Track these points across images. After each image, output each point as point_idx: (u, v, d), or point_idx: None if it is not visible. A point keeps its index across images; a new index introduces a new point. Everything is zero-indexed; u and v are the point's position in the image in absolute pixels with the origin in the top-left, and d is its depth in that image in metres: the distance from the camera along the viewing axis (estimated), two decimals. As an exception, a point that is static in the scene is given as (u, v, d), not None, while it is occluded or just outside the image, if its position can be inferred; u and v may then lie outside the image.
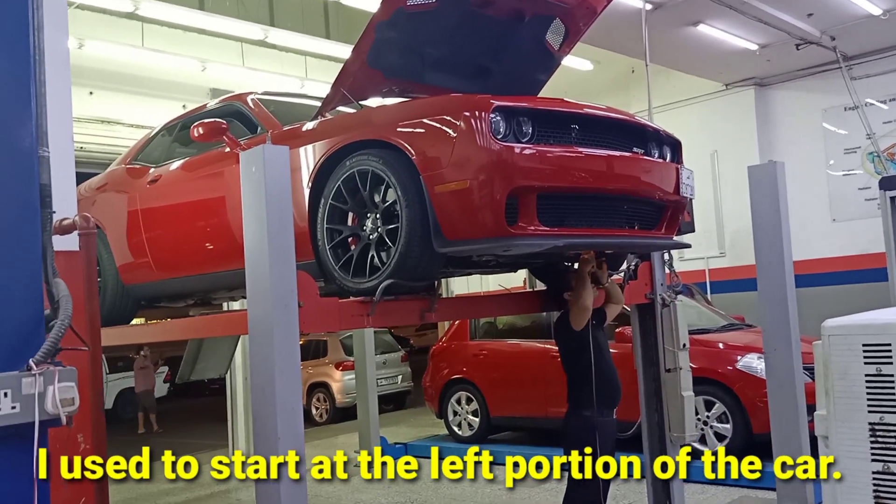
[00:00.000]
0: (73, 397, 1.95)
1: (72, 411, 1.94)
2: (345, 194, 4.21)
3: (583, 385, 4.89)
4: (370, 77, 4.73)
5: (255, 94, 5.46)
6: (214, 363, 7.55)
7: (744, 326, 9.02)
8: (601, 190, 4.25)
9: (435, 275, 4.35)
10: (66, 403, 1.93)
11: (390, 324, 4.73)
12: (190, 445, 12.50)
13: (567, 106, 4.28)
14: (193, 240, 5.26)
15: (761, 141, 11.88)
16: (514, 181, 3.82)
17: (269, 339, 3.56)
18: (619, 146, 4.33)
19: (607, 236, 4.42)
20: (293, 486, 3.39)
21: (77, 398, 1.96)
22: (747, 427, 7.42)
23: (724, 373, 7.63)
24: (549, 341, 8.98)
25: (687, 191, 4.96)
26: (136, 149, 6.18)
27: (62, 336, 1.98)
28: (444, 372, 10.08)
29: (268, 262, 3.61)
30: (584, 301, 4.82)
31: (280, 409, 3.47)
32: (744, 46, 10.33)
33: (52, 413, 1.94)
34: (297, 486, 3.41)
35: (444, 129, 3.91)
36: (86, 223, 2.85)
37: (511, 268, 5.53)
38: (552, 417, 8.67)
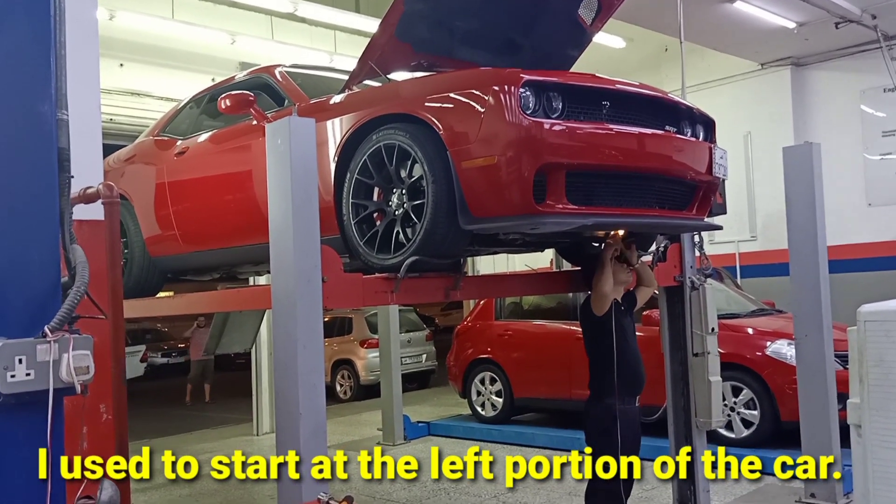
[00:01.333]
0: (87, 365, 1.92)
1: (87, 380, 1.91)
2: (371, 169, 4.16)
3: (604, 372, 4.82)
4: (398, 50, 4.66)
5: (283, 66, 5.41)
6: (240, 337, 7.56)
7: (774, 312, 8.87)
8: (632, 168, 4.16)
9: (460, 252, 4.29)
10: (80, 372, 1.90)
11: (414, 301, 4.68)
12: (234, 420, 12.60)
13: (598, 81, 4.19)
14: (219, 213, 5.25)
15: (797, 122, 11.63)
16: (543, 158, 3.75)
17: (293, 314, 3.53)
18: (652, 124, 4.24)
19: (637, 216, 4.33)
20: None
21: (92, 367, 1.93)
22: (775, 414, 7.31)
23: (752, 358, 7.51)
24: (575, 323, 8.89)
25: (720, 171, 4.86)
26: (165, 121, 6.17)
27: (77, 303, 1.95)
28: (468, 352, 10.03)
29: (292, 236, 3.58)
30: (602, 286, 4.73)
31: (302, 383, 3.45)
32: (781, 24, 10.07)
33: (66, 381, 1.91)
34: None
35: (472, 104, 3.84)
36: (109, 192, 2.82)
37: (538, 247, 5.46)
38: (576, 399, 8.60)
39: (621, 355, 4.75)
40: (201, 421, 13.26)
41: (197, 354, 15.59)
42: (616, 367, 4.74)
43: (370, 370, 14.53)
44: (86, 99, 4.01)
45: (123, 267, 5.76)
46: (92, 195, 2.86)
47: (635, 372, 4.89)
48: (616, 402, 4.76)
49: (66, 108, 1.99)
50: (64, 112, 1.98)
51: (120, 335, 2.73)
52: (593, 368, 4.97)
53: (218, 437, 11.20)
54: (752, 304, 8.93)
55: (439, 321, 26.56)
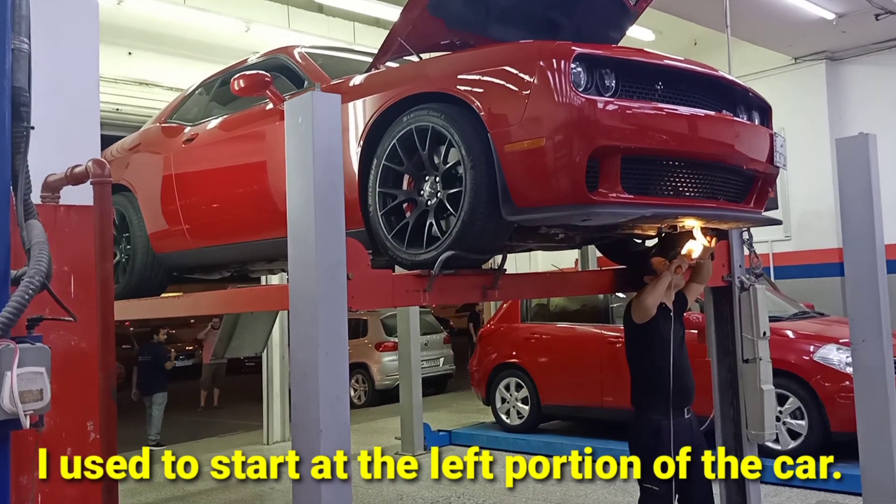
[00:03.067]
0: (40, 389, 1.35)
1: (39, 409, 1.36)
2: (401, 154, 3.74)
3: (646, 384, 4.40)
4: (430, 26, 4.25)
5: (303, 46, 5.00)
6: (250, 340, 7.13)
7: (815, 315, 8.40)
8: (693, 154, 3.74)
9: (500, 247, 3.84)
10: (29, 398, 1.33)
11: (449, 301, 4.26)
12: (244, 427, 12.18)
13: (652, 57, 3.76)
14: (230, 204, 4.84)
15: (832, 118, 11.16)
16: (597, 140, 3.32)
17: (314, 316, 3.09)
18: (706, 106, 3.81)
19: (695, 207, 3.88)
20: (338, 485, 2.93)
21: (48, 390, 1.38)
22: (824, 424, 6.83)
23: (799, 364, 7.02)
24: (607, 326, 8.48)
25: (780, 160, 4.43)
26: (172, 107, 5.77)
27: (28, 299, 1.43)
28: (492, 356, 9.55)
29: (314, 226, 3.13)
30: (646, 300, 4.32)
31: (324, 396, 3.01)
32: (820, 15, 9.62)
33: (8, 411, 1.36)
34: (342, 486, 2.96)
35: (517, 80, 3.42)
36: (100, 170, 2.38)
37: (579, 243, 5.01)
38: (608, 408, 8.17)
39: (666, 366, 4.31)
40: (210, 428, 12.82)
41: (210, 357, 15.15)
42: (660, 379, 4.30)
43: (386, 374, 14.13)
44: (83, 73, 3.61)
45: (126, 264, 5.37)
46: (80, 175, 2.42)
47: (682, 384, 4.43)
48: (661, 418, 4.32)
49: (27, 36, 1.51)
50: (24, 40, 1.50)
51: (109, 341, 2.27)
52: (634, 380, 4.53)
53: (226, 446, 10.75)
54: (793, 306, 8.44)
55: (454, 323, 26.11)
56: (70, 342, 2.81)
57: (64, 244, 2.76)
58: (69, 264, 2.80)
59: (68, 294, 2.80)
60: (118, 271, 5.49)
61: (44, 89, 3.55)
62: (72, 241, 2.60)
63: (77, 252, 2.54)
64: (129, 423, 13.00)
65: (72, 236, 2.54)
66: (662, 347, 4.35)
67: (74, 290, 2.80)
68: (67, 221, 2.54)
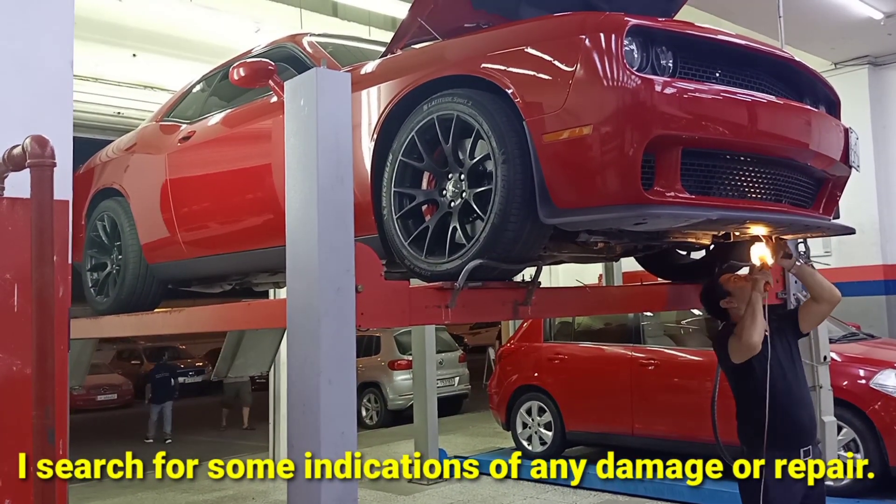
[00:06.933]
0: None
1: None
2: (420, 148, 3.24)
3: (748, 420, 3.80)
4: (454, 5, 3.77)
5: (312, 35, 4.50)
6: (255, 358, 6.58)
7: (865, 336, 7.77)
8: (762, 149, 3.20)
9: (536, 255, 3.28)
10: None
11: (474, 319, 3.73)
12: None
13: (712, 32, 3.23)
14: (229, 208, 4.33)
15: (875, 126, 10.54)
16: (655, 129, 2.80)
17: (315, 335, 2.57)
18: (771, 92, 3.27)
19: (762, 211, 3.33)
20: None
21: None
22: (882, 458, 6.20)
23: (853, 391, 6.39)
24: (637, 346, 7.88)
25: (855, 161, 3.87)
26: (171, 103, 5.28)
27: None
28: (512, 377, 8.94)
29: (316, 228, 2.62)
30: (751, 336, 3.65)
31: (325, 433, 2.47)
32: (867, 15, 9.04)
33: None
34: None
35: (558, 59, 2.90)
36: (39, 149, 1.83)
37: (619, 254, 4.44)
38: (639, 436, 7.57)
39: (773, 402, 3.69)
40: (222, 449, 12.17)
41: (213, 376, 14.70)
42: (764, 415, 3.67)
43: (399, 394, 13.59)
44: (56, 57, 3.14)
45: (116, 276, 4.87)
46: (18, 158, 1.90)
47: (793, 419, 3.78)
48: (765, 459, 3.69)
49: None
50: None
51: (47, 368, 1.72)
52: (738, 413, 3.95)
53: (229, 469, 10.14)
54: (839, 327, 7.82)
55: (468, 340, 25.48)
56: (12, 367, 2.29)
57: (6, 245, 2.25)
58: (12, 271, 2.28)
59: (10, 308, 2.28)
60: (108, 284, 5.00)
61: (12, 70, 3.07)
62: (15, 242, 2.06)
63: (24, 256, 1.98)
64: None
65: (16, 235, 1.99)
66: (755, 381, 3.74)
67: (19, 302, 2.27)
68: (11, 217, 2.01)
